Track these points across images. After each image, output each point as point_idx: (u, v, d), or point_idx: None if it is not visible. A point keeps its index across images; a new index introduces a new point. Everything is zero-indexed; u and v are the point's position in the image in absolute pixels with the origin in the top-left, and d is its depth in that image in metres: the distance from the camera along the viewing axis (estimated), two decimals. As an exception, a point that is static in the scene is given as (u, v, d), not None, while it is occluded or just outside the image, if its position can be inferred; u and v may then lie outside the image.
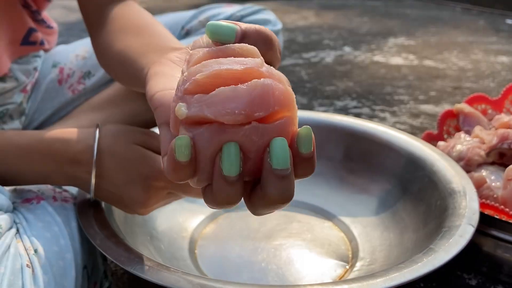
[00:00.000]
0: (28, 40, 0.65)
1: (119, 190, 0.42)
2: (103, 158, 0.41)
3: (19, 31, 0.64)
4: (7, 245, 0.37)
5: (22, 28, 0.64)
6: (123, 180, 0.41)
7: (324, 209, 0.61)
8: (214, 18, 0.77)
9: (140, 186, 0.41)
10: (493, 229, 0.51)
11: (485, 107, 0.71)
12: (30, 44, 0.66)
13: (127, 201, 0.42)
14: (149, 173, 0.41)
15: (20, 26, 0.64)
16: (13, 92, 0.65)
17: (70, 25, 2.44)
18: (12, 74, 0.64)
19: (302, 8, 2.80)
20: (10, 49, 0.63)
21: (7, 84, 0.63)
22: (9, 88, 0.64)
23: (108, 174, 0.41)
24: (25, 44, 0.65)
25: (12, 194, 0.45)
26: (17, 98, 0.67)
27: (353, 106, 1.20)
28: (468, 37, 1.95)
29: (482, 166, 0.58)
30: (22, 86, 0.67)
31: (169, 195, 0.43)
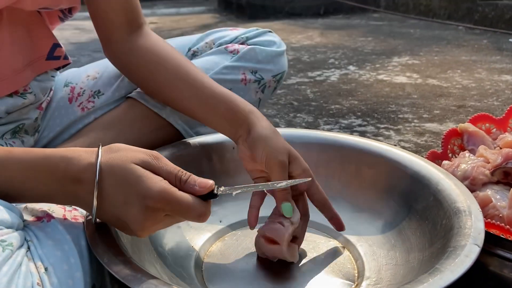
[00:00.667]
0: (53, 55, 0.67)
1: (118, 210, 0.42)
2: (103, 178, 0.41)
3: (45, 47, 0.66)
4: (19, 263, 0.38)
5: (48, 44, 0.66)
6: (121, 200, 0.41)
7: (329, 227, 0.61)
8: (220, 40, 0.79)
9: (137, 207, 0.41)
10: (499, 249, 0.51)
11: (489, 126, 0.72)
12: (55, 59, 0.68)
13: (125, 222, 0.42)
14: (146, 194, 0.41)
15: (46, 42, 0.66)
16: (29, 108, 0.67)
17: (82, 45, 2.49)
18: (32, 90, 0.66)
19: (307, 28, 2.84)
20: (36, 64, 0.66)
21: (26, 100, 0.65)
22: (27, 103, 0.66)
23: (107, 194, 0.41)
24: (50, 59, 0.67)
25: (23, 212, 0.46)
26: (33, 115, 0.68)
27: (358, 124, 1.21)
28: (472, 56, 1.97)
29: (487, 185, 0.59)
30: (38, 103, 0.69)
31: (167, 217, 0.43)
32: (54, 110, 0.73)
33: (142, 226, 0.42)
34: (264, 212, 0.58)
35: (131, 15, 0.66)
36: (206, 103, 0.62)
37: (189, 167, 0.63)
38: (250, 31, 0.80)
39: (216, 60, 0.76)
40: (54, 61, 0.68)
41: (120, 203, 0.41)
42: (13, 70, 0.61)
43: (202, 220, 0.44)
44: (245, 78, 0.76)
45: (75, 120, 0.73)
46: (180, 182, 0.43)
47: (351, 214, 0.62)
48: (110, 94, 0.73)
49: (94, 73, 0.76)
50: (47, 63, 0.67)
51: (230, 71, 0.75)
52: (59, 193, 0.43)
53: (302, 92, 1.51)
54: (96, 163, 0.41)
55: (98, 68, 0.77)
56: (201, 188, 0.43)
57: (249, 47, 0.76)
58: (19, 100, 0.64)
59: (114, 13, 0.65)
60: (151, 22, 3.13)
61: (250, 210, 0.57)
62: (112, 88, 0.74)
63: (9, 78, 0.61)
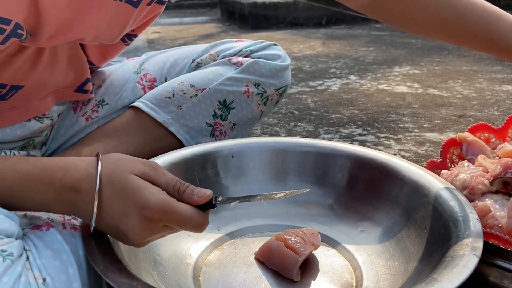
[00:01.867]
0: (82, 89, 0.68)
1: (116, 221, 0.42)
2: (101, 188, 0.41)
3: (79, 79, 0.67)
4: (18, 274, 0.38)
5: (82, 77, 0.67)
6: (120, 211, 0.41)
7: (328, 237, 0.61)
8: (224, 52, 0.79)
9: (134, 218, 0.41)
10: (499, 259, 0.51)
11: (489, 136, 0.72)
12: (82, 92, 0.68)
13: (123, 233, 0.42)
14: (144, 205, 0.40)
15: (81, 75, 0.67)
16: (43, 129, 0.68)
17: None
18: (50, 115, 0.66)
19: (309, 38, 2.85)
20: (63, 93, 0.66)
21: (42, 125, 0.65)
22: (43, 128, 0.66)
23: (105, 204, 0.41)
24: (78, 92, 0.67)
25: (22, 220, 0.46)
26: (43, 132, 0.69)
27: (358, 133, 1.21)
28: (473, 66, 1.97)
29: (486, 195, 0.58)
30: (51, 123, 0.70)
31: (165, 228, 0.43)
32: (59, 121, 0.73)
33: (140, 237, 0.42)
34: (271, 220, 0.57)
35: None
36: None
37: (187, 176, 0.63)
38: (255, 43, 0.80)
39: (220, 71, 0.76)
40: (81, 94, 0.68)
41: (118, 214, 0.41)
42: (36, 99, 0.61)
43: (199, 230, 0.44)
44: (248, 90, 0.76)
45: (79, 130, 0.73)
46: (179, 193, 0.43)
47: (350, 223, 0.62)
48: (114, 103, 0.74)
49: (99, 82, 0.76)
50: (73, 94, 0.67)
51: (234, 82, 0.75)
52: (57, 203, 0.43)
53: (303, 101, 1.52)
54: (96, 172, 0.41)
55: (101, 77, 0.77)
56: (199, 198, 0.43)
57: (252, 60, 0.77)
58: (36, 124, 0.64)
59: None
60: (154, 32, 3.16)
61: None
62: (116, 97, 0.74)
63: (32, 106, 0.61)
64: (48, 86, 0.62)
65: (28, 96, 0.60)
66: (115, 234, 0.44)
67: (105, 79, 0.76)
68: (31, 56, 0.57)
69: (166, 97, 0.72)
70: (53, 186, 0.42)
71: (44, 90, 0.62)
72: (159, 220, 0.42)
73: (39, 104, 0.62)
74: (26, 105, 0.60)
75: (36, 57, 0.57)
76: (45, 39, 0.51)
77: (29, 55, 0.56)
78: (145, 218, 0.41)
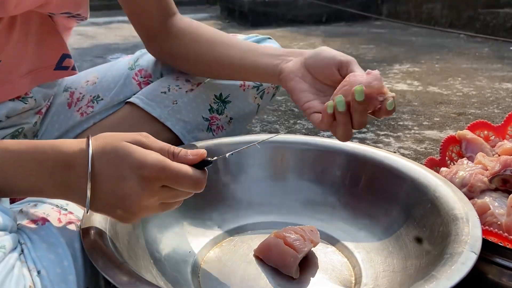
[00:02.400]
0: (61, 65, 0.68)
1: (113, 188, 0.41)
2: (95, 159, 0.41)
3: (54, 57, 0.67)
4: (11, 266, 0.38)
5: (57, 54, 0.67)
6: (116, 176, 0.40)
7: (327, 234, 0.61)
8: None
9: (132, 178, 0.40)
10: (497, 257, 0.51)
11: (488, 134, 0.72)
12: (63, 69, 0.68)
13: (122, 200, 0.41)
14: (140, 165, 0.40)
15: (56, 52, 0.67)
16: (29, 113, 0.68)
17: (84, 50, 2.51)
18: (33, 95, 0.66)
19: (309, 36, 2.85)
20: (43, 72, 0.66)
21: (26, 105, 0.65)
22: (27, 108, 0.66)
23: (101, 173, 0.41)
24: (58, 69, 0.68)
25: (18, 215, 0.46)
26: (32, 119, 0.69)
27: (357, 131, 1.21)
28: (473, 64, 1.97)
29: (485, 192, 0.58)
30: (38, 108, 0.70)
31: (164, 189, 0.42)
32: (53, 115, 0.73)
33: (140, 199, 0.41)
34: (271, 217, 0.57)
35: (165, 4, 0.70)
36: (248, 50, 0.64)
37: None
38: (250, 37, 0.81)
39: None
40: (62, 71, 0.68)
41: (115, 179, 0.40)
42: (18, 76, 0.62)
43: (198, 188, 0.43)
44: (244, 84, 0.76)
45: (74, 125, 0.73)
46: (173, 156, 0.43)
47: (349, 221, 0.62)
48: (109, 99, 0.74)
49: (93, 78, 0.76)
50: (54, 73, 0.67)
51: None
52: (49, 183, 0.42)
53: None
54: (87, 147, 0.41)
55: (97, 73, 0.77)
56: (194, 156, 0.43)
57: None
58: (20, 104, 0.64)
59: (149, 5, 0.68)
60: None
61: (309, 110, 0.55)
62: (111, 93, 0.74)
63: (13, 83, 0.61)
64: (25, 63, 0.62)
65: (7, 73, 0.60)
66: (112, 209, 0.42)
67: (100, 75, 0.76)
68: (4, 30, 0.58)
69: (162, 92, 0.72)
70: (46, 164, 0.42)
71: (22, 67, 0.62)
72: (157, 179, 0.41)
73: (20, 83, 0.63)
74: (7, 82, 0.61)
75: (8, 32, 0.58)
76: (12, 6, 0.52)
77: (1, 29, 0.57)
78: (142, 177, 0.40)
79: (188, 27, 0.70)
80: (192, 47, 0.69)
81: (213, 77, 0.73)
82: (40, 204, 0.48)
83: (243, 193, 0.66)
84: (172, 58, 0.72)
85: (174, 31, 0.70)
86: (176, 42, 0.70)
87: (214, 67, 0.68)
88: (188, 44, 0.69)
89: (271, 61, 0.61)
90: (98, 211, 0.44)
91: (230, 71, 0.67)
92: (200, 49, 0.68)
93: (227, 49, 0.66)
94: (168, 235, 0.58)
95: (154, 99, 0.72)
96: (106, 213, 0.44)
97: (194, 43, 0.69)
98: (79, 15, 0.66)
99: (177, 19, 0.71)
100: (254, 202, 0.66)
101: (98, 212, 0.45)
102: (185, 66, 0.72)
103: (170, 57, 0.72)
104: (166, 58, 0.74)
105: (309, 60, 0.58)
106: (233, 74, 0.68)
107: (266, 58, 0.62)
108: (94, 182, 0.41)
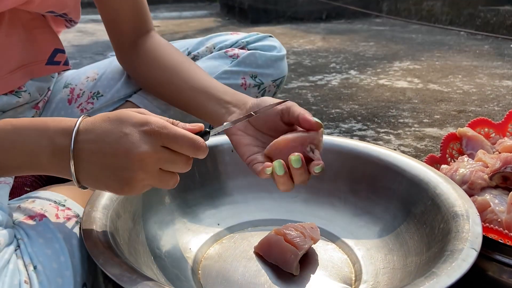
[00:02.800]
0: (53, 60, 0.68)
1: (115, 147, 0.40)
2: (96, 121, 0.42)
3: (46, 51, 0.67)
4: (6, 261, 0.38)
5: (49, 48, 0.67)
6: (119, 133, 0.41)
7: (327, 231, 0.61)
8: (220, 44, 0.79)
9: (135, 134, 0.40)
10: (497, 254, 0.51)
11: (488, 131, 0.72)
12: (54, 64, 0.68)
13: (124, 157, 0.40)
14: (142, 122, 0.41)
15: (48, 47, 0.67)
16: (24, 107, 0.67)
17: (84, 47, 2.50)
18: (26, 89, 0.66)
19: (309, 33, 2.84)
20: (35, 67, 0.66)
21: (20, 99, 0.65)
22: (22, 102, 0.66)
23: (101, 133, 0.41)
24: (50, 64, 0.67)
25: (15, 211, 0.46)
26: (28, 114, 0.69)
27: (358, 128, 1.21)
28: (473, 61, 1.97)
29: (485, 189, 0.58)
30: (34, 103, 0.70)
31: (164, 151, 0.41)
32: (53, 111, 0.73)
33: (141, 154, 0.40)
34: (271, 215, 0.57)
35: (139, 21, 0.69)
36: (201, 91, 0.62)
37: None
38: (251, 35, 0.80)
39: (216, 64, 0.76)
40: (54, 66, 0.68)
41: (118, 136, 0.41)
42: (8, 71, 0.62)
43: (197, 150, 0.43)
44: (245, 82, 0.76)
45: None
46: (173, 124, 0.44)
47: (349, 218, 0.62)
48: (109, 96, 0.74)
49: (93, 75, 0.76)
50: (46, 68, 0.67)
51: (230, 75, 0.75)
52: (47, 151, 0.41)
53: (303, 96, 1.51)
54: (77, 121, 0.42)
55: (97, 70, 0.77)
56: (192, 127, 0.45)
57: (249, 52, 0.77)
58: (13, 98, 0.64)
59: (125, 19, 0.68)
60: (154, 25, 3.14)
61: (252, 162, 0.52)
62: (111, 90, 0.74)
63: (3, 78, 0.61)
64: (14, 58, 0.62)
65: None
66: (113, 174, 0.41)
67: (100, 72, 0.76)
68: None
69: None
70: (46, 132, 0.42)
71: (12, 62, 0.62)
72: (158, 134, 0.41)
73: (11, 78, 0.62)
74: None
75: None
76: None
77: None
78: (144, 132, 0.41)
79: (155, 50, 0.68)
80: (154, 74, 0.67)
81: (173, 105, 0.70)
82: (38, 200, 0.48)
83: (243, 190, 0.66)
84: (137, 78, 0.72)
85: (142, 53, 0.68)
86: (143, 64, 0.68)
87: (172, 97, 0.66)
88: (151, 70, 0.68)
89: (217, 108, 0.59)
90: (95, 179, 0.42)
91: (185, 106, 0.65)
92: (161, 77, 0.67)
93: (186, 82, 0.64)
94: (169, 232, 0.58)
95: (155, 99, 0.72)
96: (104, 180, 0.42)
97: (157, 70, 0.67)
98: (66, 15, 0.66)
99: (149, 37, 0.70)
100: (254, 199, 0.66)
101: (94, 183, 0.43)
102: (147, 89, 0.72)
103: (136, 76, 0.72)
104: (133, 76, 0.73)
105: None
106: (187, 109, 0.65)
107: (214, 104, 0.60)
108: (94, 143, 0.41)
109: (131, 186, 0.42)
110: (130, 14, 0.68)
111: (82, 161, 0.41)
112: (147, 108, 0.72)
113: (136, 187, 0.42)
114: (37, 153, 0.42)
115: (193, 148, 0.42)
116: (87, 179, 0.42)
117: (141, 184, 0.42)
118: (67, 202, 0.50)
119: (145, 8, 0.70)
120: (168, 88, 0.66)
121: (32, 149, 0.41)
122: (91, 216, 0.47)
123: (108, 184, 0.42)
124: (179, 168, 0.43)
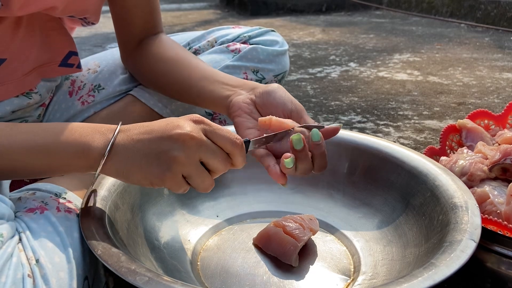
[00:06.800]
0: (66, 62, 0.67)
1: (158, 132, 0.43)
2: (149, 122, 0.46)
3: (60, 53, 0.66)
4: (9, 254, 0.38)
5: (64, 51, 0.66)
6: (172, 125, 0.44)
7: (326, 223, 0.61)
8: (222, 38, 0.78)
9: (187, 124, 0.44)
10: (496, 245, 0.51)
11: (488, 123, 0.72)
12: (67, 66, 0.68)
13: (166, 140, 0.42)
14: (190, 116, 0.45)
15: (62, 49, 0.66)
16: (33, 107, 0.67)
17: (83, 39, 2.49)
18: (38, 91, 0.65)
19: (309, 25, 2.83)
20: (48, 68, 0.65)
21: (31, 100, 0.65)
22: (32, 103, 0.65)
23: (144, 125, 0.45)
24: (63, 66, 0.67)
25: (16, 203, 0.46)
26: (36, 112, 0.68)
27: (357, 120, 1.21)
28: (473, 53, 1.96)
29: (485, 181, 0.58)
30: (42, 101, 0.69)
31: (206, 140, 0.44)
32: (54, 104, 0.72)
33: (185, 134, 0.43)
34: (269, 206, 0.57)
35: (150, 23, 0.69)
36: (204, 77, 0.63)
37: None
38: (253, 30, 0.80)
39: (217, 59, 0.75)
40: (67, 68, 0.68)
41: (165, 123, 0.44)
42: (23, 73, 0.61)
43: (236, 147, 0.45)
44: (246, 77, 0.75)
45: (75, 114, 0.73)
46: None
47: (348, 209, 0.62)
48: (111, 89, 0.73)
49: (94, 67, 0.75)
50: (59, 69, 0.67)
51: (231, 70, 0.74)
52: (96, 137, 0.44)
53: (303, 89, 1.51)
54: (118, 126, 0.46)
55: (98, 62, 0.76)
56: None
57: (250, 47, 0.76)
58: (25, 100, 0.64)
59: (135, 19, 0.68)
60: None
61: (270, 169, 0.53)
62: (113, 83, 0.73)
63: (18, 81, 0.61)
64: (30, 60, 0.62)
65: (13, 70, 0.60)
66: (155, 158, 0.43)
67: (101, 64, 0.76)
68: (10, 28, 0.57)
69: None
70: (99, 129, 0.45)
71: (27, 65, 0.62)
72: (203, 122, 0.45)
73: (25, 80, 0.62)
74: (12, 80, 0.60)
75: (14, 29, 0.58)
76: (17, 7, 0.52)
77: (7, 26, 0.57)
78: (190, 119, 0.45)
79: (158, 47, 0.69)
80: (156, 67, 0.68)
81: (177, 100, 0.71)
82: (38, 193, 0.48)
83: (242, 182, 0.66)
84: (140, 76, 0.72)
85: (146, 52, 0.69)
86: (146, 63, 0.69)
87: (175, 88, 0.67)
88: (153, 63, 0.68)
89: (222, 91, 0.60)
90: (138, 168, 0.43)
91: (187, 95, 0.65)
92: (163, 68, 0.67)
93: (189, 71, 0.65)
94: (167, 223, 0.58)
95: (157, 94, 0.72)
96: (146, 168, 0.43)
97: (159, 62, 0.67)
98: (86, 18, 0.66)
99: (156, 38, 0.70)
100: (253, 191, 0.66)
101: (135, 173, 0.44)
102: (150, 85, 0.72)
103: (138, 75, 0.72)
104: (135, 75, 0.73)
105: (259, 99, 0.56)
106: (190, 97, 0.66)
107: (219, 88, 0.60)
108: (141, 131, 0.44)
109: (172, 172, 0.43)
110: (142, 15, 0.68)
111: (127, 150, 0.43)
112: (148, 102, 0.71)
113: (176, 174, 0.43)
114: (89, 142, 0.43)
115: (231, 143, 0.45)
116: (130, 168, 0.43)
117: (180, 169, 0.43)
118: (67, 195, 0.49)
119: (157, 10, 0.69)
120: (171, 77, 0.66)
121: (83, 138, 0.44)
122: (90, 207, 0.47)
123: (150, 171, 0.43)
124: (217, 162, 0.45)
